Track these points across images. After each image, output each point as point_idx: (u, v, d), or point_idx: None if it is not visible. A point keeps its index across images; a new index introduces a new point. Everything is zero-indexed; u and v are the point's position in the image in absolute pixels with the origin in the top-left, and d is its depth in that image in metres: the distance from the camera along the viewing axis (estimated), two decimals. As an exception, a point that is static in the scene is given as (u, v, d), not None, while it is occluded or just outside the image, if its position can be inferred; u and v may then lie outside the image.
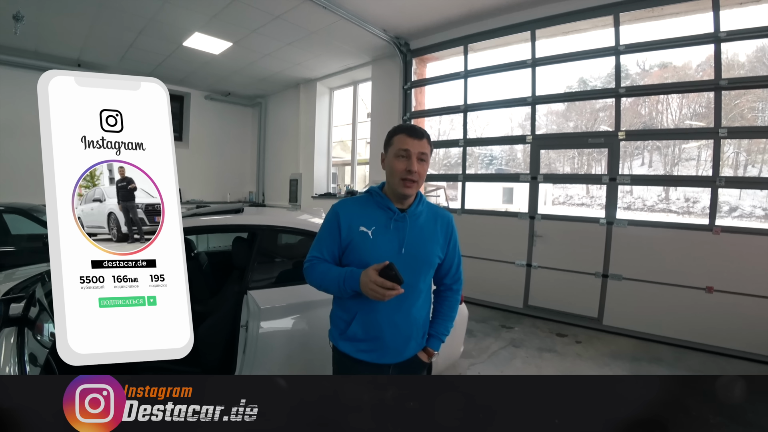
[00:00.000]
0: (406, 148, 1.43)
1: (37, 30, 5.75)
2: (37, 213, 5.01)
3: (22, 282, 2.43)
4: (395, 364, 1.52)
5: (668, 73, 9.71)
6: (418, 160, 1.44)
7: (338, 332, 1.53)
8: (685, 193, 14.92)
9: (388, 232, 1.46)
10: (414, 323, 1.52)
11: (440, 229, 1.56)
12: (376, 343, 1.47)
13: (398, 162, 1.44)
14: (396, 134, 1.49)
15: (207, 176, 9.51)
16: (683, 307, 4.03)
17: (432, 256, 1.52)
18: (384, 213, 1.48)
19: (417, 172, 1.43)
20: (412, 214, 1.50)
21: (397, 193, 1.47)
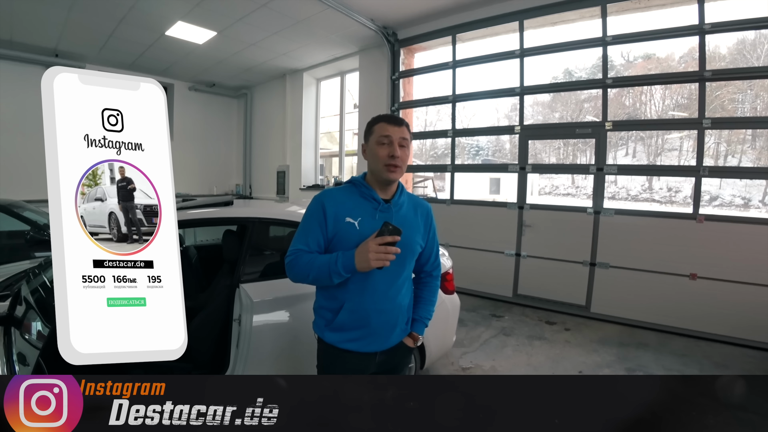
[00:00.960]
0: (387, 134, 1.45)
1: (12, 18, 5.53)
2: (17, 209, 4.86)
3: (5, 280, 2.37)
4: (381, 351, 1.54)
5: (652, 65, 9.85)
6: (400, 146, 1.46)
7: (324, 323, 1.53)
8: (668, 182, 15.25)
9: (374, 222, 1.46)
10: (399, 310, 1.55)
11: (421, 219, 1.60)
12: (363, 330, 1.49)
13: (381, 148, 1.46)
14: (376, 123, 1.51)
15: (192, 169, 9.35)
16: (668, 293, 4.14)
17: (415, 245, 1.55)
18: (369, 203, 1.50)
19: (399, 157, 1.45)
20: (396, 204, 1.53)
21: (382, 179, 1.48)
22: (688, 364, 3.44)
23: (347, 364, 1.52)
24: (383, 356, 1.56)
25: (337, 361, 1.53)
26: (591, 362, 3.50)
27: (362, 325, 1.48)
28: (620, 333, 4.19)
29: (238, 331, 2.31)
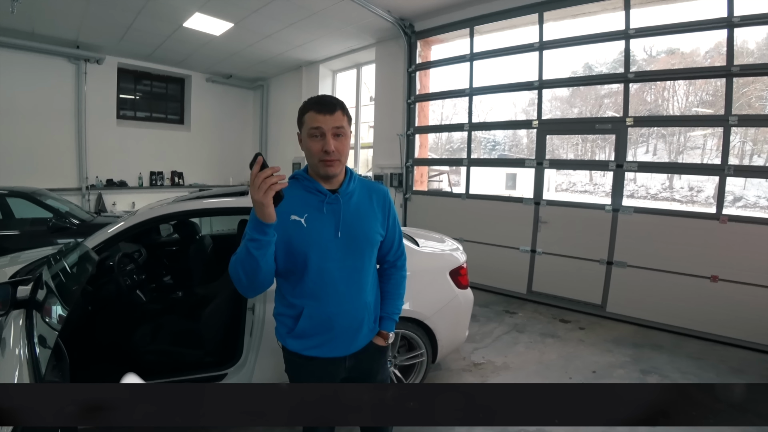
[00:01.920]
0: (317, 125, 1.30)
1: (33, 10, 5.63)
2: (40, 197, 5.00)
3: (27, 265, 2.43)
4: (350, 355, 1.45)
5: (676, 60, 9.58)
6: (335, 136, 1.31)
7: (285, 330, 1.43)
8: (690, 181, 14.88)
9: (322, 216, 1.36)
10: (364, 307, 1.45)
11: (377, 205, 1.48)
12: (326, 335, 1.39)
13: (313, 143, 1.32)
14: (306, 111, 1.34)
15: (209, 159, 9.48)
16: (686, 295, 4.03)
17: (372, 234, 1.44)
18: (314, 197, 1.38)
19: (336, 150, 1.31)
20: (344, 194, 1.40)
21: (321, 174, 1.36)
22: (703, 368, 3.36)
23: (314, 372, 1.43)
24: (353, 360, 1.46)
25: (303, 370, 1.45)
26: (604, 362, 3.45)
27: (325, 329, 1.38)
28: (635, 333, 4.11)
29: (251, 319, 2.34)
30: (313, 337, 1.39)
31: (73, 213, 5.10)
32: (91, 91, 7.56)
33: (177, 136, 9.04)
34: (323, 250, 1.34)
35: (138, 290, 2.85)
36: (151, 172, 8.65)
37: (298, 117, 1.38)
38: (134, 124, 8.49)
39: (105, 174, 7.95)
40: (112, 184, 8.05)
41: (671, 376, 3.20)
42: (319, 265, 1.34)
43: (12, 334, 1.63)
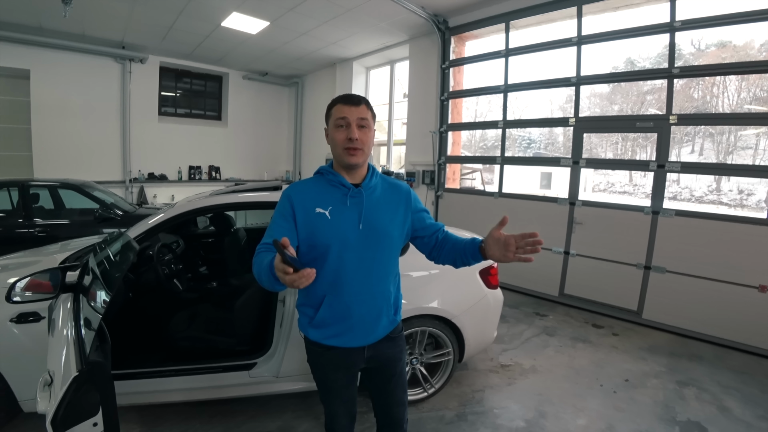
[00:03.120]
0: (344, 116, 1.39)
1: (84, 14, 5.95)
2: (88, 189, 5.30)
3: (76, 252, 2.58)
4: (369, 345, 1.48)
5: (727, 53, 9.03)
6: (359, 127, 1.39)
7: (307, 320, 1.48)
8: (739, 184, 14.02)
9: (346, 209, 1.40)
10: (383, 296, 1.47)
11: (399, 203, 1.51)
12: (345, 324, 1.42)
13: (338, 132, 1.40)
14: (334, 105, 1.44)
15: (245, 155, 9.75)
16: (731, 305, 3.80)
17: (392, 228, 1.46)
18: (338, 190, 1.43)
19: (359, 139, 1.38)
20: (367, 188, 1.45)
21: (344, 163, 1.42)
22: (747, 383, 3.17)
23: (333, 361, 1.47)
24: (371, 351, 1.49)
25: (323, 359, 1.49)
26: (637, 370, 3.32)
27: (343, 318, 1.42)
28: (672, 342, 3.93)
29: (282, 311, 2.40)
30: (332, 326, 1.42)
31: (117, 204, 5.37)
32: (135, 89, 7.94)
33: (215, 132, 9.34)
34: (344, 241, 1.37)
35: (175, 279, 2.97)
36: (189, 166, 8.98)
37: (326, 112, 1.47)
38: (174, 120, 8.84)
39: (147, 168, 8.33)
40: (154, 177, 8.42)
41: (710, 390, 3.05)
42: (340, 255, 1.37)
43: (61, 316, 1.74)
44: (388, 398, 1.61)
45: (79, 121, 7.43)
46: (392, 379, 1.59)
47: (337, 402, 1.56)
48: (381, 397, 1.62)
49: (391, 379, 1.58)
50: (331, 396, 1.56)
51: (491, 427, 2.55)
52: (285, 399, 2.68)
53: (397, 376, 1.59)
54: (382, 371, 1.57)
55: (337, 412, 1.57)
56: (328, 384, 1.54)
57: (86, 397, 1.17)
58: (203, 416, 2.55)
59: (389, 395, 1.61)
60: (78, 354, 1.29)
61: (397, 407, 1.62)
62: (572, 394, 2.95)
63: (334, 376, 1.51)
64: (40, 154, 7.07)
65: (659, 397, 2.93)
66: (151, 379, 2.32)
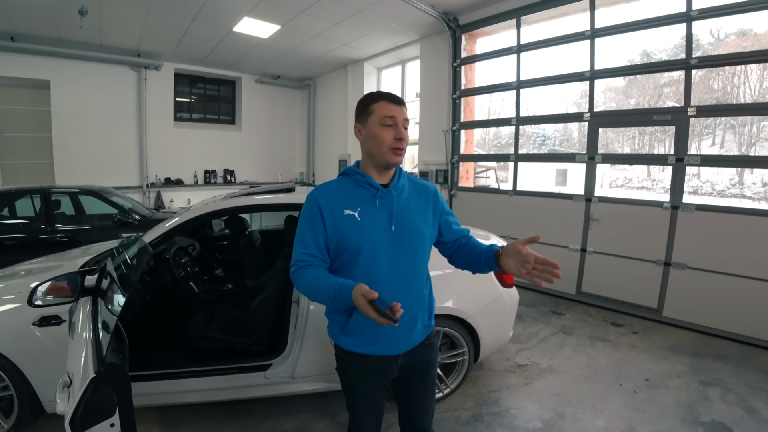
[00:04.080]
0: (392, 115, 1.33)
1: (101, 24, 6.10)
2: (107, 194, 5.42)
3: (95, 256, 2.64)
4: (404, 353, 1.42)
5: (747, 42, 8.74)
6: (404, 128, 1.36)
7: (339, 328, 1.41)
8: (763, 176, 13.58)
9: (375, 210, 1.35)
10: (418, 300, 1.42)
11: (427, 203, 1.46)
12: (378, 331, 1.34)
13: (385, 131, 1.33)
14: (375, 101, 1.36)
15: (259, 158, 9.86)
16: (757, 302, 3.67)
17: (423, 228, 1.42)
18: (366, 191, 1.37)
19: (405, 139, 1.35)
20: (395, 188, 1.40)
21: (383, 163, 1.36)
22: (777, 382, 3.07)
23: (365, 370, 1.41)
24: (406, 358, 1.43)
25: (355, 368, 1.43)
26: (659, 370, 3.24)
27: (377, 324, 1.26)
28: (695, 341, 3.82)
29: (296, 312, 2.41)
30: (365, 333, 1.36)
31: (135, 209, 5.48)
32: (151, 95, 8.10)
33: (229, 136, 9.46)
34: (376, 242, 1.33)
35: (191, 281, 3.01)
36: (205, 170, 9.12)
37: (362, 107, 1.39)
38: (189, 126, 8.99)
39: (163, 173, 8.48)
40: (170, 182, 8.57)
41: (736, 390, 2.95)
42: (371, 257, 1.33)
43: (80, 319, 1.78)
44: (416, 405, 1.54)
45: (97, 129, 7.61)
46: (423, 386, 1.52)
47: (364, 409, 1.50)
48: (409, 404, 1.56)
49: (421, 386, 1.52)
50: (359, 404, 1.50)
51: (508, 427, 2.52)
52: (301, 399, 2.69)
53: (428, 383, 1.53)
54: (414, 378, 1.50)
55: (363, 419, 1.51)
56: (359, 393, 1.47)
57: (103, 398, 1.19)
58: (220, 416, 2.58)
59: (417, 402, 1.54)
60: (96, 356, 1.31)
61: (424, 415, 1.56)
62: (591, 394, 2.89)
63: (366, 384, 1.45)
64: (61, 162, 7.27)
65: (682, 397, 2.85)
66: (168, 380, 2.35)
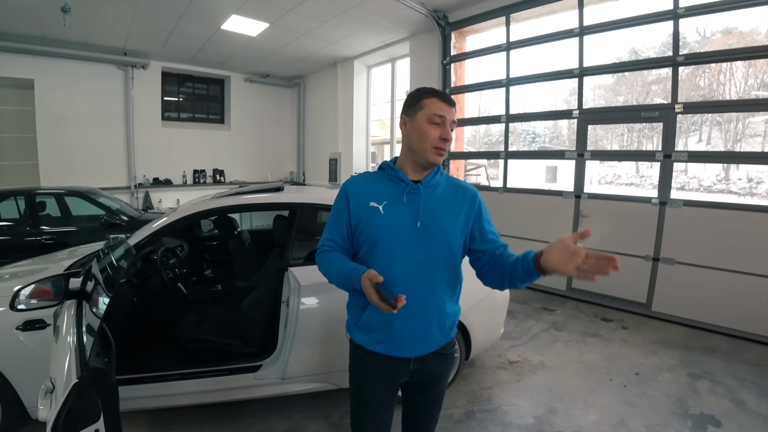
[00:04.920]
0: (442, 114, 1.30)
1: (86, 22, 5.99)
2: (93, 195, 5.33)
3: (81, 258, 2.59)
4: (416, 357, 1.36)
5: (733, 40, 8.88)
6: (450, 129, 1.33)
7: (353, 321, 1.40)
8: (749, 172, 13.80)
9: (401, 205, 1.31)
10: (435, 308, 1.34)
11: (463, 205, 1.37)
12: (390, 331, 1.31)
13: (432, 129, 1.30)
14: (427, 97, 1.33)
15: (248, 157, 9.78)
16: (744, 295, 3.73)
17: (451, 231, 1.33)
18: (395, 185, 1.35)
19: (449, 140, 1.33)
20: (427, 185, 1.36)
21: (424, 161, 1.34)
22: (764, 375, 3.10)
23: (374, 369, 1.37)
24: (417, 364, 1.37)
25: (364, 365, 1.39)
26: (650, 364, 3.27)
27: (387, 324, 1.31)
28: (685, 335, 3.87)
29: (286, 312, 2.39)
30: (377, 331, 1.33)
31: (123, 210, 5.40)
32: (138, 94, 7.98)
33: (218, 135, 9.37)
34: (396, 239, 1.29)
35: (180, 283, 2.97)
36: (194, 170, 9.03)
37: (413, 100, 1.36)
38: (178, 125, 8.88)
39: (152, 173, 8.38)
40: (158, 182, 8.47)
41: (725, 383, 2.99)
42: (389, 253, 1.29)
43: (65, 323, 1.74)
44: (423, 413, 1.50)
45: (83, 129, 7.48)
46: (432, 396, 1.47)
47: (370, 422, 1.43)
48: (415, 412, 1.51)
49: (430, 396, 1.47)
50: (365, 413, 1.43)
51: (501, 424, 2.52)
52: (293, 400, 2.67)
53: (437, 394, 1.48)
54: (423, 387, 1.45)
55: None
56: (365, 397, 1.41)
57: (88, 404, 1.16)
58: (213, 419, 2.55)
59: (425, 410, 1.50)
60: (79, 360, 1.28)
61: (429, 421, 1.52)
62: (583, 389, 2.91)
63: (374, 387, 1.39)
64: (46, 163, 7.13)
65: (672, 391, 2.88)
66: (159, 383, 2.32)
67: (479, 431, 2.46)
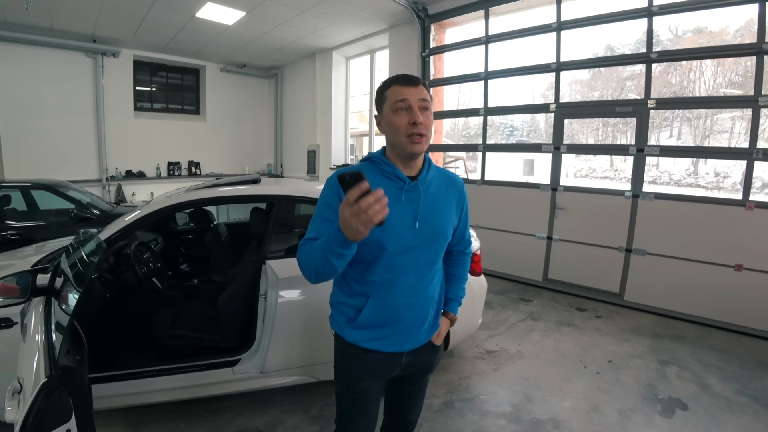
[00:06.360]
0: (404, 98, 1.21)
1: (51, 5, 5.71)
2: (62, 188, 5.13)
3: (50, 254, 2.49)
4: (408, 351, 1.36)
5: (703, 39, 9.16)
6: (421, 110, 1.22)
7: (345, 320, 1.33)
8: (716, 167, 14.35)
9: (400, 204, 1.25)
10: (431, 302, 1.36)
11: (454, 197, 1.38)
12: (392, 328, 1.30)
13: (398, 117, 1.22)
14: (388, 87, 1.27)
15: (225, 149, 9.58)
16: (709, 284, 3.90)
17: (448, 227, 1.35)
18: (393, 183, 1.26)
19: (423, 123, 1.22)
20: (424, 182, 1.30)
21: (406, 153, 1.25)
22: (727, 360, 3.26)
23: (368, 366, 1.34)
24: (410, 357, 1.37)
25: (356, 363, 1.35)
26: (622, 351, 3.39)
27: (391, 321, 1.29)
28: (655, 323, 4.02)
29: (264, 306, 2.36)
30: (376, 328, 1.30)
31: (94, 204, 5.22)
32: (109, 84, 7.68)
33: (193, 127, 9.13)
34: (399, 240, 1.23)
35: (154, 278, 2.90)
36: (168, 162, 8.79)
37: (378, 95, 1.30)
38: (151, 116, 8.61)
39: (124, 165, 8.11)
40: (131, 174, 8.21)
41: (692, 368, 3.12)
42: (392, 256, 1.24)
43: (33, 321, 1.67)
44: (408, 402, 1.52)
45: (50, 119, 7.16)
46: (418, 386, 1.50)
47: (362, 420, 1.41)
48: (401, 402, 1.53)
49: (416, 386, 1.49)
50: (356, 412, 1.40)
51: (479, 413, 2.57)
52: (272, 394, 2.66)
53: (424, 383, 1.52)
54: (412, 378, 1.46)
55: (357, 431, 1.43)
56: (357, 395, 1.38)
57: (58, 404, 1.13)
58: (190, 415, 2.51)
59: (410, 399, 1.51)
60: (48, 359, 1.24)
61: (413, 409, 1.54)
62: (558, 377, 2.99)
63: (366, 384, 1.37)
64: (10, 155, 6.80)
65: (642, 377, 2.99)
66: (133, 380, 2.27)
67: (458, 420, 2.50)
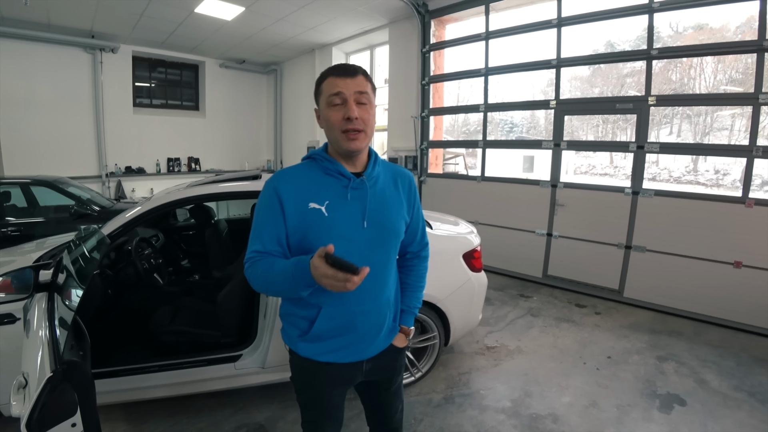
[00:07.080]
0: (338, 90, 1.12)
1: (48, 1, 5.69)
2: (62, 185, 5.13)
3: (51, 250, 2.50)
4: (368, 359, 1.29)
5: (704, 36, 9.15)
6: (358, 104, 1.13)
7: (297, 333, 1.25)
8: (715, 164, 14.34)
9: (346, 203, 1.16)
10: (387, 305, 1.29)
11: (402, 192, 1.30)
12: (347, 338, 1.22)
13: (333, 111, 1.13)
14: (324, 79, 1.16)
15: (224, 145, 9.58)
16: (708, 281, 3.92)
17: (399, 224, 1.27)
18: (336, 181, 1.18)
19: (359, 117, 1.12)
20: (370, 178, 1.22)
21: (343, 150, 1.17)
22: (724, 356, 3.28)
23: (328, 378, 1.27)
24: (371, 363, 1.31)
25: (315, 378, 1.28)
26: (620, 347, 3.40)
27: (346, 331, 1.22)
28: (653, 320, 4.04)
29: (266, 302, 2.37)
30: (331, 340, 1.22)
31: (94, 200, 5.22)
32: (108, 80, 7.67)
33: (193, 123, 9.12)
34: (347, 242, 1.14)
35: (155, 274, 2.91)
36: (168, 158, 8.78)
37: (315, 89, 1.21)
38: (150, 112, 8.60)
39: (124, 161, 8.11)
40: (131, 171, 8.21)
41: (689, 364, 3.14)
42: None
43: (36, 317, 1.68)
44: (386, 409, 1.47)
45: (49, 116, 7.15)
46: (391, 392, 1.44)
47: (328, 424, 1.37)
48: (378, 409, 1.49)
49: (389, 392, 1.44)
50: (323, 418, 1.36)
51: (478, 408, 2.59)
52: (272, 389, 2.67)
53: (396, 386, 1.46)
54: (380, 384, 1.41)
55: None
56: (322, 405, 1.33)
57: (63, 398, 1.14)
58: (190, 411, 2.52)
59: (386, 406, 1.47)
60: (53, 354, 1.25)
61: (393, 415, 1.49)
62: (557, 372, 3.01)
63: (329, 394, 1.32)
64: (10, 151, 6.80)
65: (640, 372, 3.01)
66: (134, 375, 2.28)
67: (458, 415, 2.52)
